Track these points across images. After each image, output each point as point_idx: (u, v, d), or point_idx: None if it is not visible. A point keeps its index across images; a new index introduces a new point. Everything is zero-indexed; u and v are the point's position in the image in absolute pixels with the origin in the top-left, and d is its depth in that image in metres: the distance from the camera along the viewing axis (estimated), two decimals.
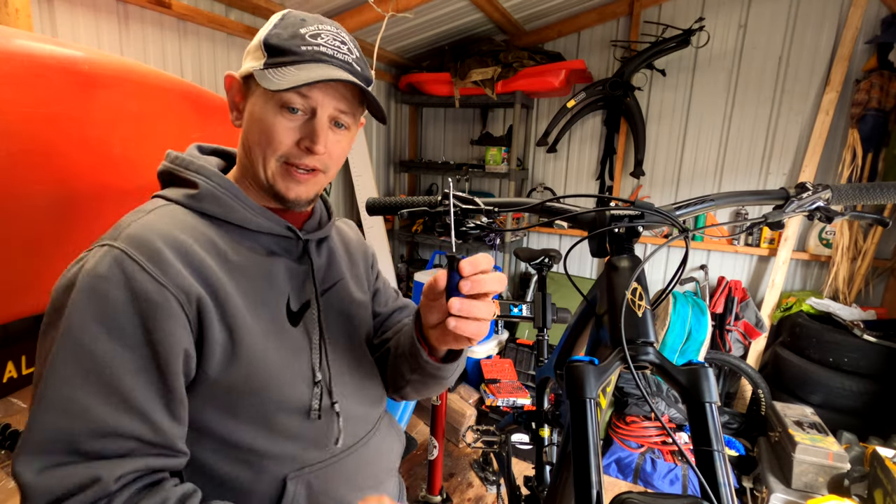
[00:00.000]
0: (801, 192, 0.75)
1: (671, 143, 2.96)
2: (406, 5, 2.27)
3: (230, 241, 0.66)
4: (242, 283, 0.64)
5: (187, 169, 0.68)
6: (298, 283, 0.72)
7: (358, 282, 0.86)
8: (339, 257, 0.83)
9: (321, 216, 0.82)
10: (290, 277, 0.71)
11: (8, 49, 0.81)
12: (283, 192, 0.68)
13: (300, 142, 0.65)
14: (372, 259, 0.96)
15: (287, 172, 0.67)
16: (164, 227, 0.61)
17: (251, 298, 0.65)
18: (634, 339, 0.61)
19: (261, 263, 0.68)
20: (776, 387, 2.45)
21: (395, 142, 3.60)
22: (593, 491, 0.51)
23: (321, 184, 0.71)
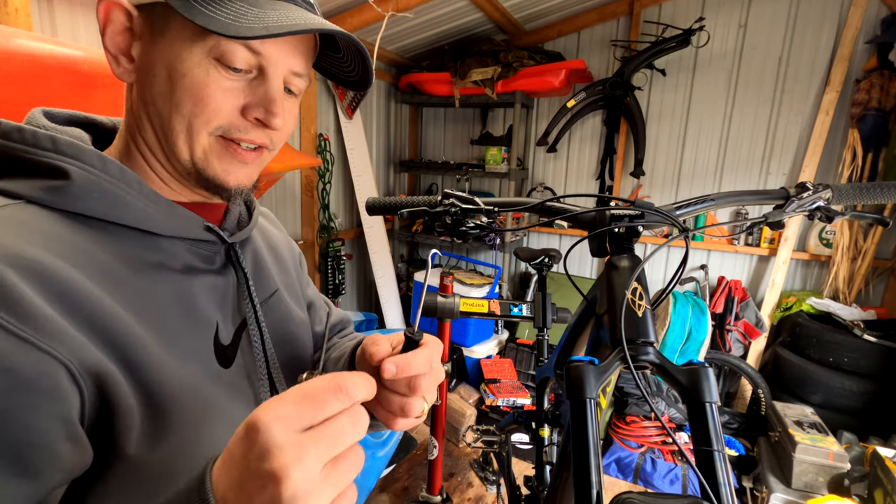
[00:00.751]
0: (801, 191, 0.75)
1: (671, 142, 2.96)
2: (406, 5, 2.27)
3: (128, 258, 0.45)
4: (154, 320, 0.45)
5: (42, 148, 0.44)
6: (225, 303, 0.54)
7: (292, 293, 0.68)
8: (268, 262, 0.65)
9: (241, 207, 0.62)
10: (214, 299, 0.52)
11: (8, 49, 0.81)
12: (219, 179, 0.49)
13: (246, 110, 0.47)
14: (300, 260, 0.77)
15: (226, 150, 0.48)
16: (8, 244, 0.38)
17: (170, 341, 0.46)
18: (634, 338, 0.61)
19: (175, 286, 0.48)
20: (776, 387, 2.45)
21: (395, 142, 3.60)
22: (593, 491, 0.51)
23: (264, 164, 0.54)
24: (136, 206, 0.46)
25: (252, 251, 0.62)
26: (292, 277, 0.70)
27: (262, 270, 0.62)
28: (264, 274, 0.62)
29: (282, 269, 0.68)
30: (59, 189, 0.43)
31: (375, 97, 3.32)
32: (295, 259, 0.74)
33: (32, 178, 0.44)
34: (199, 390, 0.47)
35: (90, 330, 0.39)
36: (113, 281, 0.43)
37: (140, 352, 0.42)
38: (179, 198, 0.53)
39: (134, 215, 0.46)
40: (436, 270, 3.27)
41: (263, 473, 0.29)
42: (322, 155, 2.86)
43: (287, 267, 0.70)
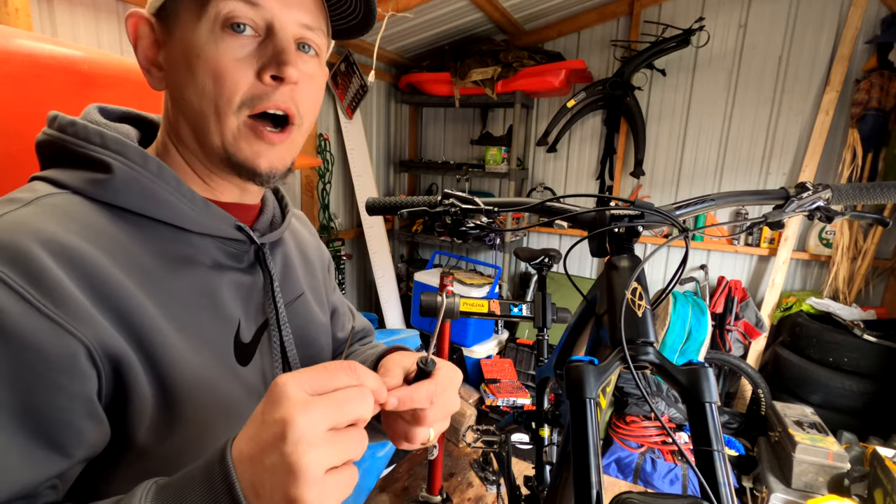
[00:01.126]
0: (801, 191, 0.75)
1: (671, 142, 2.96)
2: (406, 5, 2.27)
3: (159, 252, 0.47)
4: (178, 313, 0.47)
5: (90, 143, 0.47)
6: (250, 301, 0.55)
7: (317, 297, 0.69)
8: (296, 265, 0.66)
9: (274, 210, 0.64)
10: (238, 296, 0.53)
11: (8, 49, 0.81)
12: (250, 162, 0.49)
13: (262, 72, 0.46)
14: (329, 265, 0.78)
15: (253, 133, 0.48)
16: (50, 230, 0.40)
17: (191, 335, 0.47)
18: (634, 338, 0.61)
19: (202, 281, 0.50)
20: (776, 387, 2.45)
21: (395, 142, 3.60)
22: (593, 491, 0.51)
23: (296, 147, 0.53)
24: (171, 203, 0.48)
25: (282, 253, 0.63)
26: (319, 282, 0.70)
27: (290, 272, 0.63)
28: (292, 276, 0.63)
29: (309, 272, 0.69)
30: (101, 182, 0.46)
31: (375, 97, 3.32)
32: (324, 264, 0.74)
33: (80, 169, 0.47)
34: (214, 385, 0.48)
35: (115, 316, 0.42)
36: (143, 272, 0.45)
37: (159, 342, 0.44)
38: (216, 196, 0.54)
39: (169, 211, 0.48)
40: (435, 270, 3.27)
41: (273, 421, 0.32)
42: (322, 155, 2.86)
43: (315, 271, 0.70)
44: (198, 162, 0.52)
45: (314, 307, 0.66)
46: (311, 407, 0.32)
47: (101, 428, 0.42)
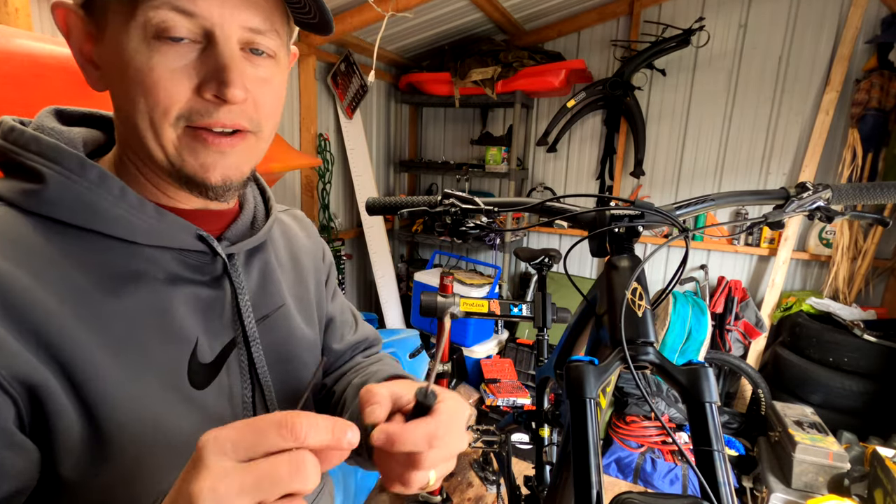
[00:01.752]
0: (801, 191, 0.75)
1: (671, 142, 2.96)
2: (406, 5, 2.27)
3: (100, 268, 0.42)
4: (117, 335, 0.42)
5: (26, 149, 0.43)
6: (213, 317, 0.49)
7: (305, 308, 0.62)
8: (280, 272, 0.59)
9: (255, 213, 0.58)
10: (198, 312, 0.48)
11: (8, 49, 0.81)
12: (199, 176, 0.44)
13: (201, 87, 0.41)
14: (329, 269, 0.71)
15: (197, 140, 0.43)
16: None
17: (130, 360, 0.42)
18: (634, 338, 0.61)
19: (152, 297, 0.45)
20: (776, 387, 2.45)
21: (395, 142, 3.60)
22: (593, 491, 0.51)
23: (256, 153, 0.47)
24: (114, 214, 0.43)
25: (261, 260, 0.57)
26: (308, 291, 0.64)
27: (268, 282, 0.57)
28: (271, 287, 0.57)
29: (298, 280, 0.62)
30: (34, 193, 0.42)
31: (375, 97, 3.32)
32: (319, 270, 0.67)
33: (14, 178, 0.43)
34: (156, 416, 0.43)
35: (33, 341, 0.37)
36: (75, 292, 0.40)
37: (88, 369, 0.39)
38: (176, 203, 0.49)
39: (112, 224, 0.43)
40: (435, 270, 3.27)
41: (187, 493, 0.27)
42: (322, 155, 2.86)
43: (305, 279, 0.64)
44: (149, 170, 0.47)
45: (296, 320, 0.59)
46: (228, 481, 0.27)
47: (26, 456, 0.38)
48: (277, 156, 1.79)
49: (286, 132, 2.66)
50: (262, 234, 0.56)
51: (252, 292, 0.54)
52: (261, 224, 0.57)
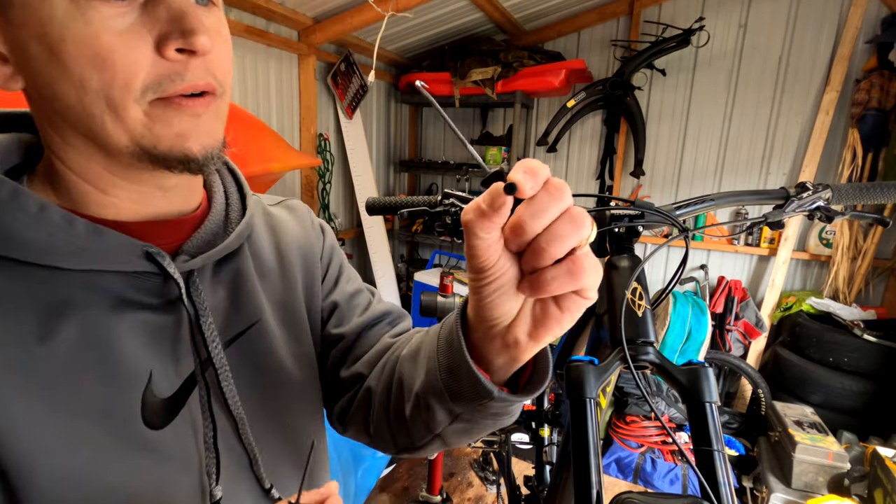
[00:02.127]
0: (801, 191, 0.75)
1: (671, 142, 2.96)
2: (406, 5, 2.27)
3: (17, 300, 0.36)
4: (41, 379, 0.35)
5: None
6: (169, 345, 0.42)
7: (291, 317, 0.54)
8: (259, 280, 0.51)
9: (228, 211, 0.50)
10: (151, 341, 0.41)
11: None
12: (175, 147, 0.37)
13: (162, 44, 0.35)
14: (329, 261, 0.61)
15: (169, 108, 0.36)
16: None
17: (59, 405, 0.36)
18: (634, 338, 0.61)
19: (87, 329, 0.38)
20: (776, 387, 2.45)
21: (395, 142, 3.60)
22: (593, 491, 0.51)
23: (223, 116, 0.42)
24: (30, 237, 0.36)
25: (233, 271, 0.49)
26: (296, 296, 0.55)
27: (242, 295, 0.49)
28: (245, 300, 0.49)
29: (285, 286, 0.54)
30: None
31: (375, 97, 3.32)
32: (313, 266, 0.58)
33: None
34: (94, 466, 0.36)
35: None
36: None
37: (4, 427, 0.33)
38: (122, 214, 0.41)
39: (27, 248, 0.36)
40: (435, 270, 3.27)
41: None
42: (322, 155, 2.86)
43: (293, 282, 0.55)
44: (93, 173, 0.39)
45: (276, 335, 0.51)
46: None
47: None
48: (277, 156, 1.79)
49: (286, 132, 2.66)
50: (233, 241, 0.47)
51: (220, 310, 0.46)
52: (235, 223, 0.49)
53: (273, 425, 0.50)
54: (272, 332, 0.51)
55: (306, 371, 0.54)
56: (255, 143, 1.70)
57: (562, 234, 0.29)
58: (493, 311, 0.33)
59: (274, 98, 2.53)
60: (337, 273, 0.61)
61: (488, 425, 0.43)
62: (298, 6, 2.34)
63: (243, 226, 0.49)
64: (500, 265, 0.31)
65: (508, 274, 0.32)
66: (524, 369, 0.40)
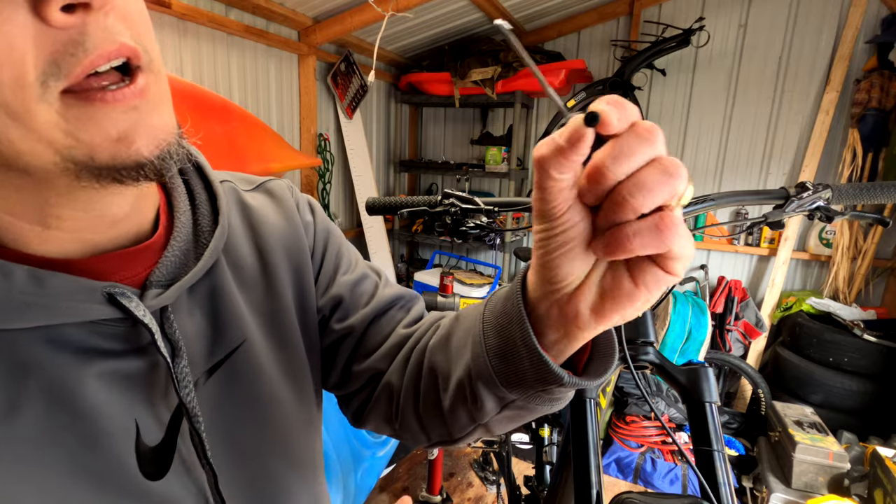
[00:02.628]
0: (801, 191, 0.75)
1: (671, 142, 2.95)
2: (406, 5, 2.27)
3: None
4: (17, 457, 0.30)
5: None
6: (149, 389, 0.37)
7: (278, 326, 0.48)
8: (241, 291, 0.45)
9: (198, 219, 0.42)
10: (128, 390, 0.35)
11: None
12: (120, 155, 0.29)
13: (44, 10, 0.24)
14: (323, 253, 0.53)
15: (91, 104, 0.27)
16: None
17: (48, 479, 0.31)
18: (634, 338, 0.61)
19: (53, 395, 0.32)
20: (776, 387, 2.45)
21: (395, 142, 3.60)
22: (593, 490, 0.51)
23: (165, 93, 0.32)
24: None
25: (210, 287, 0.42)
26: (283, 301, 0.48)
27: (223, 314, 0.42)
28: (226, 319, 0.43)
29: (268, 291, 0.47)
30: None
31: (375, 97, 3.32)
32: (302, 261, 0.50)
33: None
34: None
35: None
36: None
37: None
38: (79, 248, 0.33)
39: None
40: (435, 270, 3.27)
41: None
42: (322, 155, 2.86)
43: (277, 285, 0.48)
44: (23, 207, 0.30)
45: (263, 353, 0.45)
46: None
47: None
48: (277, 156, 1.79)
49: (286, 132, 2.66)
50: (209, 260, 0.40)
51: (199, 336, 0.40)
52: (207, 236, 0.41)
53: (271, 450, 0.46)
54: (259, 351, 0.45)
55: (298, 385, 0.49)
56: (255, 143, 1.70)
57: (650, 184, 0.24)
58: (556, 270, 0.28)
59: (274, 98, 2.53)
60: (334, 264, 0.54)
61: (541, 410, 0.38)
62: (298, 6, 2.34)
63: (218, 239, 0.41)
64: (571, 215, 0.27)
65: (579, 227, 0.27)
66: (583, 349, 0.36)
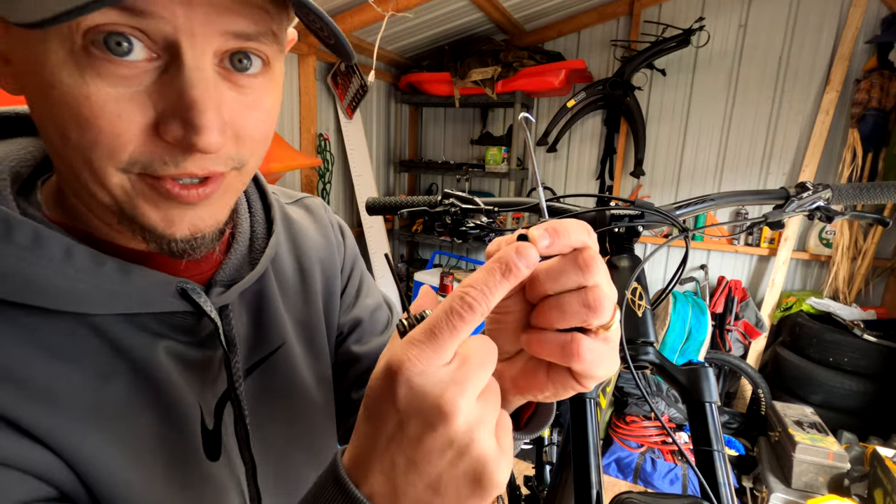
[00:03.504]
0: (801, 191, 0.75)
1: (671, 142, 2.96)
2: (406, 5, 2.27)
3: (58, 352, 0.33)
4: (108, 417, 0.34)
5: None
6: (206, 378, 0.41)
7: (311, 335, 0.52)
8: (283, 299, 0.49)
9: (253, 229, 0.47)
10: (192, 377, 0.40)
11: None
12: (157, 228, 0.33)
13: (160, 128, 0.29)
14: (350, 272, 0.58)
15: (154, 191, 0.32)
16: None
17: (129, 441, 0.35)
18: (634, 338, 0.61)
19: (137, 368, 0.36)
20: (776, 386, 2.45)
21: (395, 142, 3.60)
22: (593, 491, 0.51)
23: (236, 191, 0.36)
24: (55, 284, 0.32)
25: (258, 294, 0.47)
26: (317, 312, 0.53)
27: (267, 318, 0.47)
28: (269, 323, 0.47)
29: (305, 301, 0.52)
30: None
31: (375, 97, 3.32)
32: (333, 275, 0.55)
33: None
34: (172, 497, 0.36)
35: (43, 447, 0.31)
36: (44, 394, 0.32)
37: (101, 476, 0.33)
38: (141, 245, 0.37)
39: (56, 296, 0.32)
40: (435, 270, 3.27)
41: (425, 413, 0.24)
42: (322, 155, 2.86)
43: (313, 297, 0.52)
44: (96, 205, 0.34)
45: (299, 357, 0.49)
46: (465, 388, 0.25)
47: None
48: (277, 156, 1.79)
49: (286, 132, 2.66)
50: (264, 265, 0.44)
51: (244, 336, 0.44)
52: (261, 245, 0.46)
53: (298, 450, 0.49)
54: (296, 354, 0.49)
55: (326, 392, 0.53)
56: None
57: (566, 308, 0.28)
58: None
59: None
60: (358, 285, 0.59)
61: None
62: None
63: (272, 247, 0.46)
64: (511, 304, 0.31)
65: (515, 315, 0.31)
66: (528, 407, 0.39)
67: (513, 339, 0.32)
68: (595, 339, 0.28)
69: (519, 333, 0.31)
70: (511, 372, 0.32)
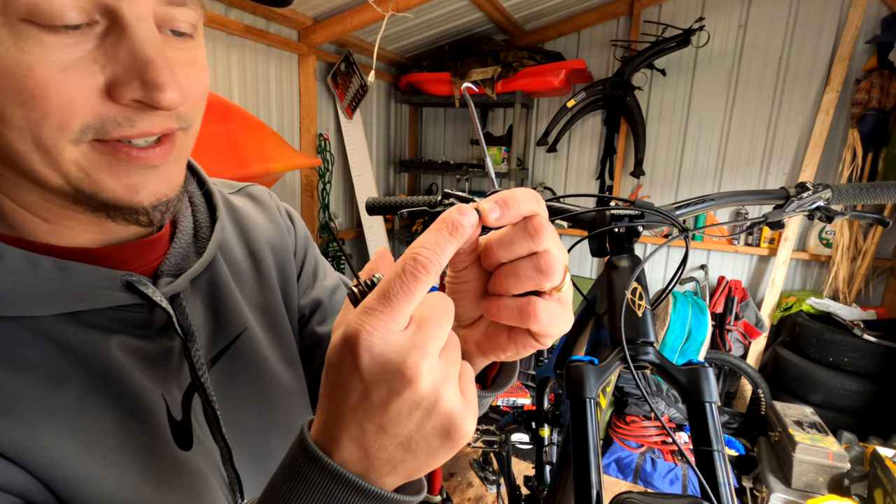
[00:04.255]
0: (801, 191, 0.75)
1: (671, 142, 2.96)
2: (406, 5, 2.27)
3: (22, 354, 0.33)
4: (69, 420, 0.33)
5: None
6: (166, 369, 0.40)
7: (272, 319, 0.52)
8: (237, 285, 0.49)
9: (196, 218, 0.46)
10: (151, 369, 0.39)
11: None
12: (122, 199, 0.32)
13: (115, 90, 0.29)
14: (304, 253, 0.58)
15: (115, 157, 0.31)
16: None
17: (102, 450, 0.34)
18: (634, 338, 0.61)
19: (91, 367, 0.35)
20: (776, 387, 2.45)
21: (395, 142, 3.60)
22: (593, 491, 0.51)
23: (186, 152, 0.37)
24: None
25: (210, 281, 0.46)
26: (274, 295, 0.52)
27: (224, 306, 0.46)
28: (227, 311, 0.46)
29: (261, 286, 0.52)
30: None
31: (375, 97, 3.32)
32: (286, 259, 0.55)
33: None
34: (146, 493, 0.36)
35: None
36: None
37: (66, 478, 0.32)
38: (89, 240, 0.36)
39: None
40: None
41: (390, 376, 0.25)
42: (322, 155, 2.86)
43: (269, 281, 0.52)
44: (34, 204, 0.33)
45: (262, 342, 0.49)
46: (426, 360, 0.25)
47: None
48: (277, 156, 1.79)
49: (286, 132, 2.66)
50: (212, 252, 0.44)
51: (203, 326, 0.44)
52: (206, 233, 0.45)
53: (276, 432, 0.49)
54: (259, 339, 0.49)
55: (296, 373, 0.53)
56: (255, 143, 1.70)
57: (520, 274, 0.30)
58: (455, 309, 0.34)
59: (274, 98, 2.53)
60: (314, 267, 0.59)
61: None
62: (298, 6, 2.34)
63: (219, 232, 0.46)
64: (467, 274, 0.33)
65: (472, 284, 0.33)
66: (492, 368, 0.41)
67: (473, 307, 0.34)
68: (549, 301, 0.30)
69: (478, 301, 0.33)
70: (474, 336, 0.35)
